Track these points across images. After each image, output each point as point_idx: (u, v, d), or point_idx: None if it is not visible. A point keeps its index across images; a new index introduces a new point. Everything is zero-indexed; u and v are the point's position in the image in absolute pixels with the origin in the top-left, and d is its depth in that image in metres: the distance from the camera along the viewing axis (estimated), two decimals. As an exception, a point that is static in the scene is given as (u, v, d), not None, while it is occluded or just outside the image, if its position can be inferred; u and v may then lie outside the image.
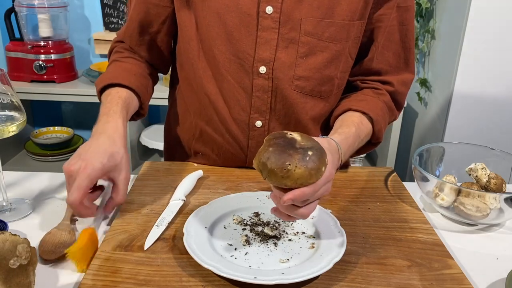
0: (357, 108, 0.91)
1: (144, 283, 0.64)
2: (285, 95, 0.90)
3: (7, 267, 0.57)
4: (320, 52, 0.88)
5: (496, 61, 1.75)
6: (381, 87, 0.96)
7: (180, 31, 0.94)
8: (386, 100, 0.95)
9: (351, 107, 0.92)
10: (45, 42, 2.11)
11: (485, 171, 0.88)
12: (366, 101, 0.93)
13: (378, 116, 0.91)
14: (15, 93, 0.77)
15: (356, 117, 0.89)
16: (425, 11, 2.02)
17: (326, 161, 0.65)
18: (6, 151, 2.31)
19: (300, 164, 0.62)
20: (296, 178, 0.62)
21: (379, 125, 0.91)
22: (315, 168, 0.62)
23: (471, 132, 1.85)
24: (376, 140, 0.94)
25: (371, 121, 0.91)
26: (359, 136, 0.86)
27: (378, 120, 0.91)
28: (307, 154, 0.62)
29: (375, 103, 0.93)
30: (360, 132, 0.86)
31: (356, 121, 0.88)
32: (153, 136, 2.31)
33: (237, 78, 0.90)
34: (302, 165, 0.62)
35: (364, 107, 0.91)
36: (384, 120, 0.94)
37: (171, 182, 0.92)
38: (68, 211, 0.81)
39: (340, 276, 0.66)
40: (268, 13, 0.84)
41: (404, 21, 0.92)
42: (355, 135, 0.84)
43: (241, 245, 0.72)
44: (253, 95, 0.91)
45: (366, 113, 0.90)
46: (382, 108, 0.94)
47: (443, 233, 0.82)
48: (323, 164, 0.63)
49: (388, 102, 0.96)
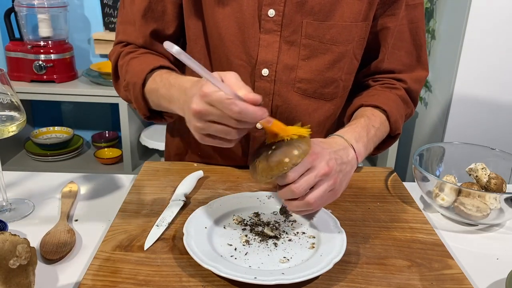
0: (369, 103, 0.90)
1: (144, 283, 0.63)
2: (287, 98, 0.90)
3: (7, 267, 0.57)
4: (322, 54, 0.88)
5: (496, 61, 1.75)
6: (395, 83, 0.95)
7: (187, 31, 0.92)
8: (400, 94, 0.94)
9: (362, 103, 0.91)
10: (45, 42, 2.11)
11: (485, 171, 0.88)
12: (377, 95, 0.92)
13: (392, 108, 0.90)
14: (15, 93, 0.77)
15: (367, 110, 0.88)
16: (425, 11, 2.02)
17: (294, 150, 0.66)
18: (6, 151, 2.31)
19: (262, 159, 0.67)
20: (260, 171, 0.67)
21: (394, 116, 0.90)
22: (275, 161, 0.66)
23: (471, 132, 1.85)
24: (395, 132, 0.92)
25: (385, 113, 0.89)
26: (372, 126, 0.84)
27: (392, 112, 0.89)
28: (271, 149, 0.67)
29: (387, 96, 0.92)
30: (371, 121, 0.85)
31: (366, 114, 0.87)
32: (153, 136, 2.31)
33: None
34: (263, 160, 0.67)
35: (375, 101, 0.90)
36: (398, 111, 0.92)
37: (171, 182, 0.92)
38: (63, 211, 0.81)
39: (340, 276, 0.66)
40: (270, 16, 0.84)
41: (414, 18, 0.92)
42: (363, 125, 0.83)
43: (241, 245, 0.71)
44: None
45: (378, 106, 0.89)
46: (395, 100, 0.92)
47: (443, 233, 0.82)
48: (286, 156, 0.65)
49: (402, 95, 0.94)
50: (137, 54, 0.90)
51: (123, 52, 0.91)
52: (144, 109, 0.87)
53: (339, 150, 0.74)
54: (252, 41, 0.86)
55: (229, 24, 0.86)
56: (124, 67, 0.89)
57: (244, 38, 0.86)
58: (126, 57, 0.90)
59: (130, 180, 0.96)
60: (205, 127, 0.63)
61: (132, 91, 0.86)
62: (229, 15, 0.85)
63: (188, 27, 0.91)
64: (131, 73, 0.87)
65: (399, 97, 0.94)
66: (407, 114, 0.98)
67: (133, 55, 0.89)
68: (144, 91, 0.84)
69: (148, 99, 0.85)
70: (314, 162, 0.68)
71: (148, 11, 0.89)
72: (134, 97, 0.86)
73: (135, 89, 0.85)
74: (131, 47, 0.92)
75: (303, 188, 0.68)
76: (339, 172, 0.72)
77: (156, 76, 0.82)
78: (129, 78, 0.87)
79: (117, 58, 0.92)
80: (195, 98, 0.63)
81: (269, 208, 0.82)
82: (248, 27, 0.85)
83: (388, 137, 0.93)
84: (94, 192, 0.91)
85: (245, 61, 0.88)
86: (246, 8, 0.84)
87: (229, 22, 0.86)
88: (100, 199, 0.89)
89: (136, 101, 0.87)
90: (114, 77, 0.95)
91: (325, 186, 0.69)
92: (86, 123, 2.56)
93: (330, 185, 0.70)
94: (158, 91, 0.80)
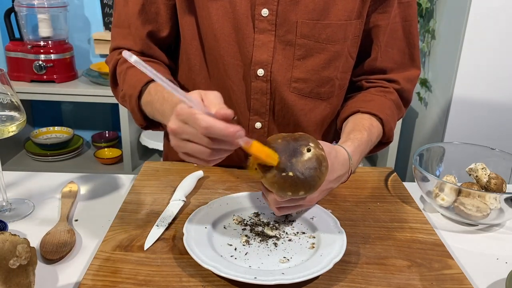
0: (366, 110, 0.90)
1: (144, 283, 0.63)
2: (283, 97, 0.90)
3: (7, 267, 0.57)
4: (318, 53, 0.87)
5: (496, 61, 1.75)
6: (388, 85, 0.95)
7: (182, 31, 0.92)
8: (394, 98, 0.95)
9: (359, 109, 0.91)
10: (45, 42, 2.11)
11: (485, 171, 0.88)
12: (374, 101, 0.92)
13: (388, 116, 0.91)
14: (15, 93, 0.77)
15: (366, 120, 0.88)
16: (425, 11, 2.02)
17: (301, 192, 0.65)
18: (6, 151, 2.32)
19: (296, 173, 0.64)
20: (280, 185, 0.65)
21: (389, 125, 0.91)
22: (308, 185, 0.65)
23: (471, 132, 1.85)
24: (387, 139, 0.93)
25: (381, 122, 0.90)
26: (371, 140, 0.86)
27: (388, 120, 0.90)
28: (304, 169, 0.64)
29: (383, 103, 0.92)
30: (371, 136, 0.86)
31: (366, 125, 0.87)
32: (153, 136, 2.31)
33: (236, 81, 0.90)
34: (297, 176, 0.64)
35: (372, 108, 0.90)
36: (393, 119, 0.93)
37: (171, 182, 0.92)
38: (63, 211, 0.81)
39: (340, 276, 0.66)
40: (264, 16, 0.84)
41: (407, 16, 0.92)
42: (367, 141, 0.84)
43: (241, 245, 0.71)
44: (251, 98, 0.90)
45: (375, 115, 0.90)
46: (390, 107, 0.93)
47: (443, 233, 0.82)
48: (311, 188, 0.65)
49: (396, 100, 0.95)
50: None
51: (121, 60, 0.92)
52: (141, 120, 0.90)
53: (338, 177, 0.75)
54: (246, 41, 0.86)
55: (224, 24, 0.85)
56: (121, 76, 0.90)
57: (239, 38, 0.86)
58: (123, 65, 0.90)
59: (130, 180, 0.96)
60: (181, 145, 0.63)
61: (128, 103, 0.89)
62: (223, 15, 0.85)
63: (183, 27, 0.91)
64: (127, 84, 0.88)
65: (393, 101, 0.95)
66: (398, 119, 1.00)
67: (129, 64, 0.88)
68: (140, 103, 0.86)
69: (144, 110, 0.88)
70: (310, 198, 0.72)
71: (142, 13, 0.89)
72: (130, 108, 0.89)
73: (131, 101, 0.87)
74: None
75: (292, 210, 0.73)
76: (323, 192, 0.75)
77: (151, 89, 0.84)
78: (125, 90, 0.88)
79: (115, 65, 0.93)
80: (172, 117, 0.62)
81: (269, 208, 0.82)
82: (242, 27, 0.85)
83: (379, 143, 0.94)
84: (94, 192, 0.91)
85: (240, 61, 0.88)
86: (239, 8, 0.84)
87: (223, 22, 0.85)
88: (100, 199, 0.89)
89: (132, 112, 0.89)
90: (112, 83, 0.96)
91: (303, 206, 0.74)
92: (86, 123, 2.56)
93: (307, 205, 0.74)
94: (153, 104, 0.82)
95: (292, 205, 0.70)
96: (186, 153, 0.63)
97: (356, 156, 0.79)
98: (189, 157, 0.64)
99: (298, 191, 0.65)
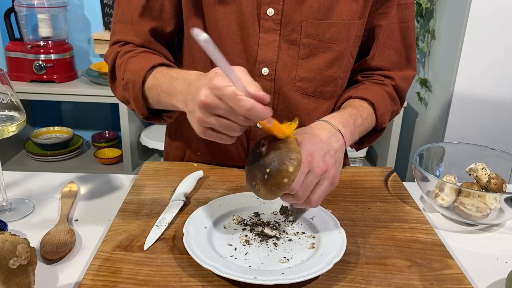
0: (357, 95, 0.91)
1: (144, 283, 0.63)
2: (287, 96, 0.90)
3: (7, 267, 0.57)
4: (322, 53, 0.88)
5: (496, 61, 1.75)
6: (383, 79, 0.96)
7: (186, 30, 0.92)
8: (388, 90, 0.95)
9: (351, 95, 0.92)
10: (45, 42, 2.11)
11: (485, 171, 0.88)
12: (365, 88, 0.94)
13: (379, 101, 0.91)
14: (15, 93, 0.77)
15: (355, 101, 0.90)
16: (425, 11, 2.02)
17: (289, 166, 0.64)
18: (6, 151, 2.32)
19: (260, 184, 0.66)
20: (263, 195, 0.67)
21: (381, 110, 0.91)
22: (275, 183, 0.65)
23: (471, 132, 1.86)
24: (380, 126, 0.93)
25: (372, 107, 0.90)
26: (360, 115, 0.86)
27: (380, 105, 0.91)
28: (265, 172, 0.65)
29: (375, 90, 0.93)
30: (359, 111, 0.86)
31: (354, 104, 0.88)
32: (153, 136, 2.31)
33: None
34: (262, 185, 0.66)
35: (363, 94, 0.91)
36: (385, 106, 0.93)
37: (171, 182, 0.92)
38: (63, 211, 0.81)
39: (340, 276, 0.66)
40: (270, 15, 0.84)
41: (404, 18, 0.93)
42: (351, 113, 0.84)
43: (241, 245, 0.71)
44: None
45: (366, 99, 0.90)
46: (382, 95, 0.93)
47: (443, 233, 0.82)
48: (284, 176, 0.64)
49: (390, 92, 0.95)
50: (136, 53, 0.88)
51: (121, 52, 0.90)
52: (143, 108, 0.86)
53: (329, 139, 0.74)
54: (252, 40, 0.86)
55: (229, 23, 0.86)
56: (122, 66, 0.88)
57: (244, 37, 0.86)
58: (124, 56, 0.89)
59: (130, 180, 0.96)
60: (209, 120, 0.62)
61: (131, 90, 0.85)
62: (229, 14, 0.85)
63: (188, 26, 0.91)
64: (130, 71, 0.86)
65: (387, 93, 0.95)
66: (394, 111, 0.99)
67: (131, 54, 0.88)
68: (144, 89, 0.84)
69: (147, 97, 0.84)
70: (310, 165, 0.68)
71: (146, 9, 0.88)
72: (133, 96, 0.85)
73: (134, 87, 0.84)
74: (130, 46, 0.91)
75: (305, 193, 0.69)
76: (335, 163, 0.72)
77: (156, 73, 0.82)
78: (128, 77, 0.86)
79: (114, 58, 0.91)
80: (204, 90, 0.61)
81: (269, 208, 0.82)
82: (248, 26, 0.85)
83: (373, 130, 0.94)
84: (94, 192, 0.91)
85: (245, 60, 0.88)
86: (246, 7, 0.84)
87: (229, 21, 0.86)
88: (100, 199, 0.89)
89: (135, 100, 0.86)
90: (111, 78, 0.93)
91: (326, 183, 0.70)
92: (86, 123, 2.56)
93: (330, 180, 0.70)
94: (159, 86, 0.79)
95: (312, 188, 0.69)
96: (211, 128, 0.63)
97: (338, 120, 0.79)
98: (212, 132, 0.64)
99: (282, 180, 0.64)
